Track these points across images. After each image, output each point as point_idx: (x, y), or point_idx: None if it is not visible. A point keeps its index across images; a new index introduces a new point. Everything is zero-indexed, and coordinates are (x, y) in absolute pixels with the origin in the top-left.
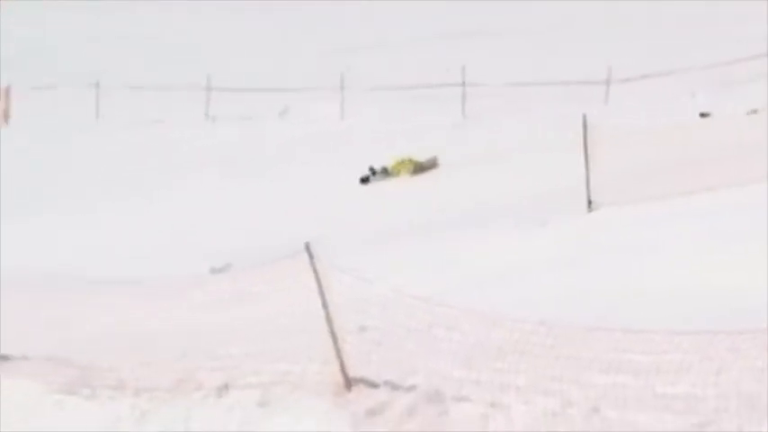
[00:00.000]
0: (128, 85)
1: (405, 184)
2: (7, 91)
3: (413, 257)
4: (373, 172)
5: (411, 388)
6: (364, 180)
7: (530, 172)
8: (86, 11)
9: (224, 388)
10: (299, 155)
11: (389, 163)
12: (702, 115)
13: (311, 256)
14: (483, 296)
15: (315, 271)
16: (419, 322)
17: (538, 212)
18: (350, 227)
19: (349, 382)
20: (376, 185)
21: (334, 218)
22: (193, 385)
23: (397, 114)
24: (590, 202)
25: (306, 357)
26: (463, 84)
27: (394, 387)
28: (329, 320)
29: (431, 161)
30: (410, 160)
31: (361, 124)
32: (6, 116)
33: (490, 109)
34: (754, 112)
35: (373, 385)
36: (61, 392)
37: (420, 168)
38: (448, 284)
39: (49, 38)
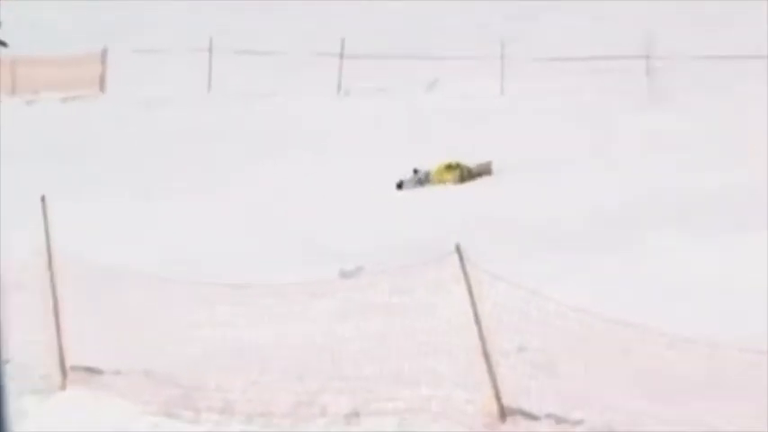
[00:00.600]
0: (242, 51)
1: (559, 177)
2: (104, 55)
3: (581, 264)
4: (415, 173)
5: (578, 422)
6: (400, 186)
7: (727, 162)
8: None
9: (353, 415)
10: (448, 135)
11: (432, 167)
12: None
13: (461, 259)
14: (668, 313)
15: (466, 276)
16: (589, 343)
17: (735, 216)
18: (503, 226)
19: (504, 413)
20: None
21: (485, 216)
22: (316, 410)
23: (567, 90)
24: None
25: (452, 381)
26: (647, 56)
27: (558, 420)
28: (482, 338)
29: (483, 167)
30: (458, 165)
31: (523, 101)
32: (103, 82)
33: (681, 85)
34: None
35: (533, 417)
36: (159, 414)
37: (469, 175)
38: (624, 299)
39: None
